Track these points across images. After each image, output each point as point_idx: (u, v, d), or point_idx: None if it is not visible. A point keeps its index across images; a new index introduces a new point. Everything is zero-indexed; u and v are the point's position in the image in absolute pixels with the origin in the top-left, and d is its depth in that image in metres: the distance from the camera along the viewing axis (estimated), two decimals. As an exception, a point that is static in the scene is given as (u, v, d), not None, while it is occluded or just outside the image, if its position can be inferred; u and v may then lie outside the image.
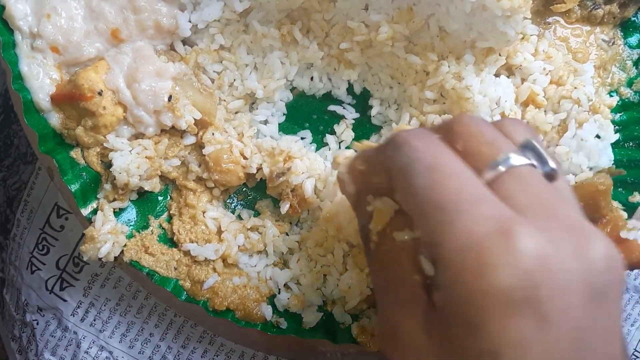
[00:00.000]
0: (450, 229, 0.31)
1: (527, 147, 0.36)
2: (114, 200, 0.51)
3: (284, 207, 0.52)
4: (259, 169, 0.52)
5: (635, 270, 0.59)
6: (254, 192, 0.55)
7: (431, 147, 0.35)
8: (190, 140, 0.52)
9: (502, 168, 0.34)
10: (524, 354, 0.29)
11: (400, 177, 0.35)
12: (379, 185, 0.39)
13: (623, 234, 0.50)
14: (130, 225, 0.52)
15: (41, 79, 0.47)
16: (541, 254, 0.30)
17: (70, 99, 0.47)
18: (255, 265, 0.53)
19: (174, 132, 0.52)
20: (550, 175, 0.36)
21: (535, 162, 0.36)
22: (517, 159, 0.35)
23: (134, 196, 0.52)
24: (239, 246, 0.52)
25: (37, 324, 0.59)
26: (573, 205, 0.36)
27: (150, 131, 0.50)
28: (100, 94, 0.47)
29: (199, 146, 0.52)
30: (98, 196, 0.51)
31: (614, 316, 0.32)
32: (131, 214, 0.52)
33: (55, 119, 0.49)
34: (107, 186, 0.50)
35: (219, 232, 0.53)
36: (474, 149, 0.35)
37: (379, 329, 0.38)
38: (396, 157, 0.36)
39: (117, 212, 0.51)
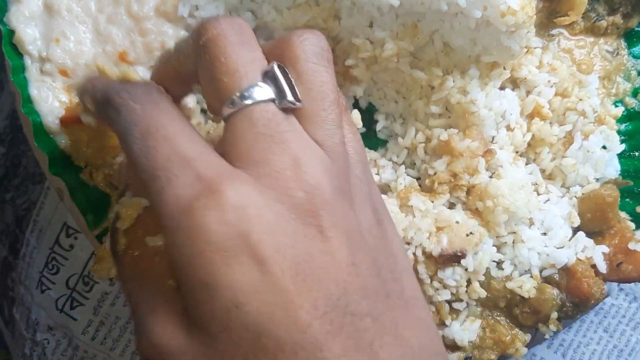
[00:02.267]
0: (163, 197, 0.30)
1: (268, 76, 0.32)
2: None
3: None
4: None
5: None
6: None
7: (149, 107, 0.33)
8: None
9: (248, 102, 0.31)
10: (257, 297, 0.29)
11: (123, 143, 0.33)
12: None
13: (631, 245, 0.50)
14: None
15: (50, 102, 0.48)
16: (242, 204, 0.30)
17: (80, 121, 0.47)
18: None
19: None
20: (287, 109, 0.32)
21: (274, 96, 0.32)
22: (260, 93, 0.32)
23: None
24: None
25: (48, 343, 0.60)
26: (295, 139, 0.32)
27: None
28: (109, 115, 0.47)
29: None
30: (108, 216, 0.51)
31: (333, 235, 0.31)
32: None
33: (64, 141, 0.49)
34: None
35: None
36: (215, 78, 0.32)
37: (138, 345, 0.34)
38: (117, 121, 0.33)
39: (127, 232, 0.51)
